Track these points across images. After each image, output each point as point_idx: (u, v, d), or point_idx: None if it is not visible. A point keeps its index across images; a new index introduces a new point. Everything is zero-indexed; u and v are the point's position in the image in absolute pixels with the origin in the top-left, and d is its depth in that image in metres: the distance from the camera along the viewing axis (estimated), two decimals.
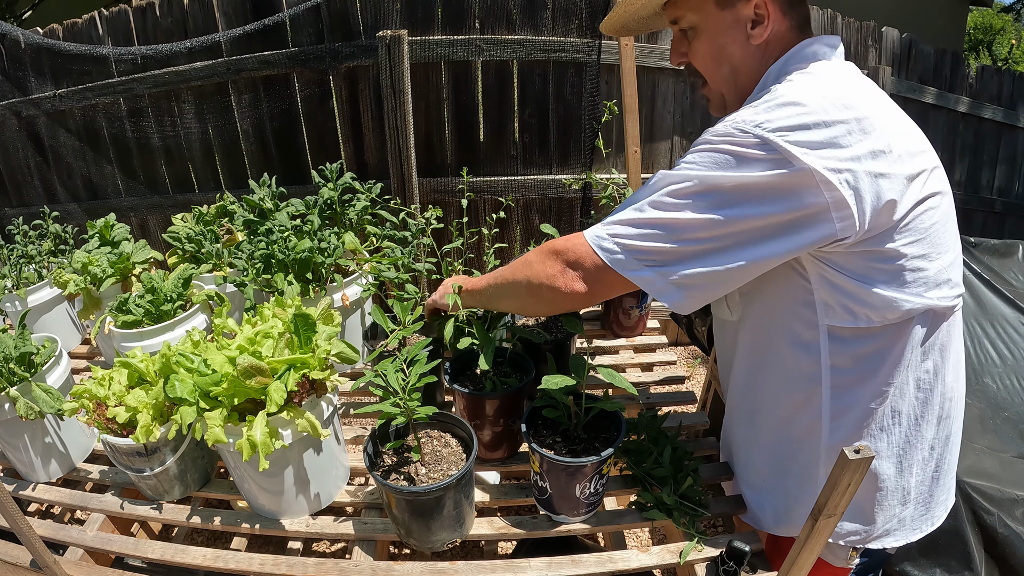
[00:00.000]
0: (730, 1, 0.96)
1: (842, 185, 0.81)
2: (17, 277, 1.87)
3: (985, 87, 3.68)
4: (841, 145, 0.82)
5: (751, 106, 0.88)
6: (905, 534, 1.09)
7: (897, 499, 1.05)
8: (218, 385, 1.12)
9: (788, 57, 0.96)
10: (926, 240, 0.89)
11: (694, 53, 1.03)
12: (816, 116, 0.82)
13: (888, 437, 1.01)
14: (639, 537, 2.30)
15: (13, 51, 2.85)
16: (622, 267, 0.91)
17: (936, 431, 1.04)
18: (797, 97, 0.85)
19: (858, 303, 0.91)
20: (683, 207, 0.87)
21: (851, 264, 0.89)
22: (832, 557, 1.13)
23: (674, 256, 0.89)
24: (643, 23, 1.18)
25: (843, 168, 0.81)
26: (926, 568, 1.51)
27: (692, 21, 1.01)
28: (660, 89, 2.95)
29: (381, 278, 1.65)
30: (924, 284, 0.91)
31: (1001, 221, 4.06)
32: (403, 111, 2.63)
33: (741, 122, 0.85)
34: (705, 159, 0.86)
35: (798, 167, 0.81)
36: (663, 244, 0.88)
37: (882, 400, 0.99)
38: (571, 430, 1.20)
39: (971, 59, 11.85)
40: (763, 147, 0.82)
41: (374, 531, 1.24)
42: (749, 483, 1.22)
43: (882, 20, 3.29)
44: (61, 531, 1.28)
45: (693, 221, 0.86)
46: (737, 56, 0.99)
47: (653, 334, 1.96)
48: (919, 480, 1.05)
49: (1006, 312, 1.90)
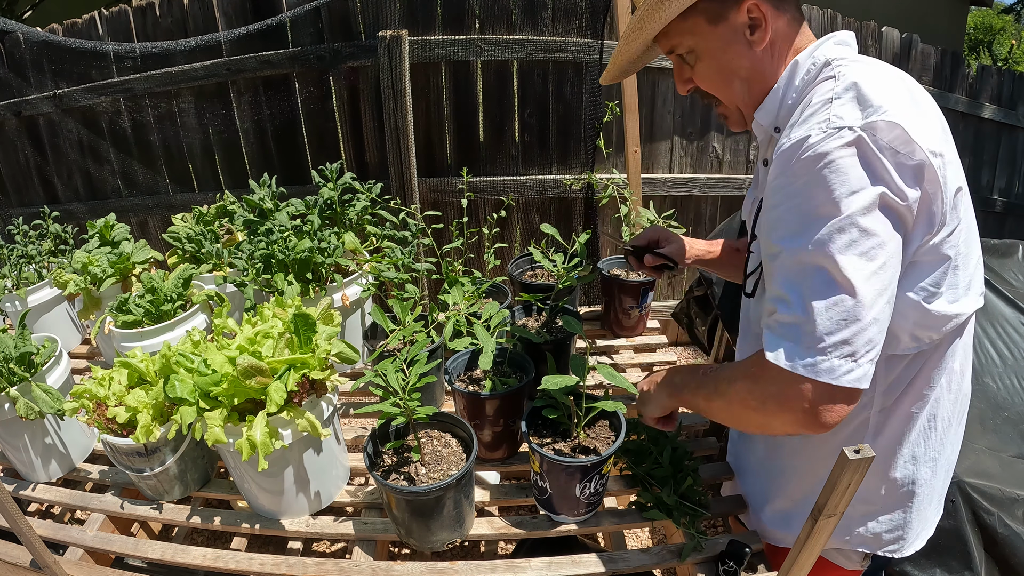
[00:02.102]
0: (720, 15, 0.91)
1: (939, 170, 0.78)
2: (17, 277, 1.87)
3: (985, 87, 3.68)
4: (928, 132, 0.78)
5: (829, 106, 0.80)
6: (927, 533, 1.09)
7: (929, 501, 1.06)
8: (218, 385, 1.12)
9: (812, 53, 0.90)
10: (964, 240, 0.86)
11: (699, 76, 0.98)
12: (902, 106, 0.78)
13: (926, 442, 1.00)
14: (639, 537, 2.30)
15: (13, 51, 2.84)
16: (862, 382, 0.79)
17: (958, 429, 1.05)
18: (864, 88, 0.79)
19: (922, 328, 0.88)
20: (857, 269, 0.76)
21: (923, 272, 0.84)
22: (845, 561, 1.12)
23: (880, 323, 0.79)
24: (638, 62, 1.12)
25: (937, 151, 0.78)
26: (926, 568, 1.51)
27: (689, 45, 0.96)
28: (660, 89, 2.94)
29: (381, 278, 1.65)
30: (968, 287, 0.88)
31: (1001, 221, 4.05)
32: (403, 111, 2.63)
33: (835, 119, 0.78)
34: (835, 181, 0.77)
35: (918, 159, 0.76)
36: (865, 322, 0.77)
37: (922, 405, 0.97)
38: (571, 430, 1.20)
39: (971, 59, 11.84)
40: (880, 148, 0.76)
41: (374, 531, 1.24)
42: (775, 507, 1.18)
43: (882, 20, 3.28)
44: (61, 531, 1.28)
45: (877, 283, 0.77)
46: (745, 67, 0.94)
47: (653, 334, 1.96)
48: (945, 480, 1.06)
49: (1006, 312, 1.90)
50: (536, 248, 1.72)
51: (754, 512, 1.24)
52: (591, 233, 2.28)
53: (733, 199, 3.22)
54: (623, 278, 1.84)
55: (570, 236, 1.75)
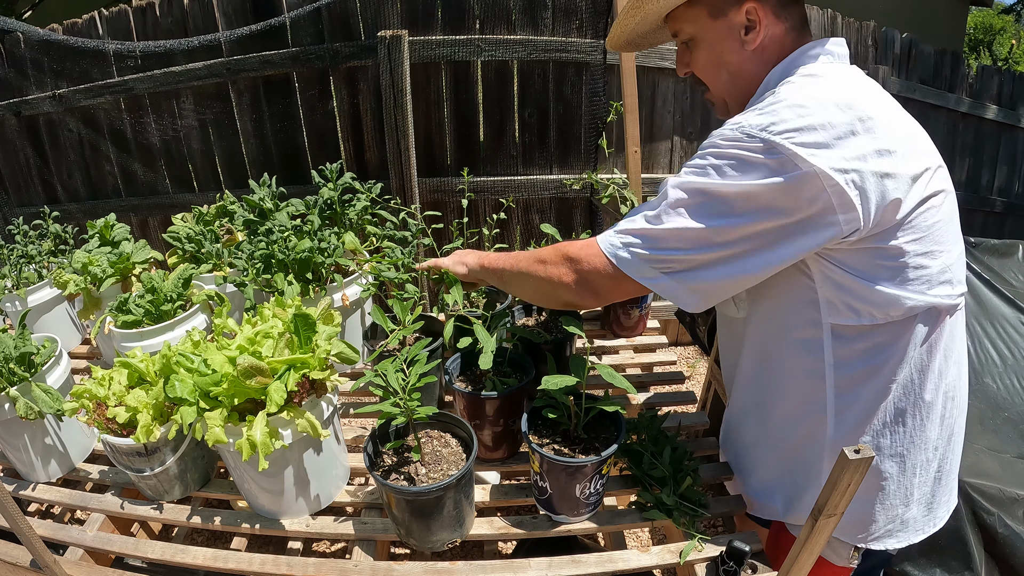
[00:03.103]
0: (722, 11, 0.99)
1: (848, 185, 0.82)
2: (17, 277, 1.87)
3: (985, 87, 3.68)
4: (846, 146, 0.83)
5: (755, 109, 0.90)
6: (907, 535, 1.09)
7: (899, 499, 1.05)
8: (218, 385, 1.12)
9: (791, 60, 0.98)
10: (928, 238, 0.90)
11: (695, 63, 1.07)
12: (820, 117, 0.83)
13: (891, 435, 1.02)
14: (639, 537, 2.30)
15: (14, 50, 2.85)
16: (639, 275, 0.95)
17: (939, 430, 1.04)
18: (801, 99, 0.86)
19: (861, 301, 0.92)
20: (694, 217, 0.90)
21: (854, 261, 0.90)
22: (834, 556, 1.13)
23: (687, 264, 0.92)
24: (647, 38, 1.21)
25: (849, 168, 0.82)
26: (926, 568, 1.51)
27: (690, 33, 1.05)
28: (660, 89, 2.94)
29: (381, 278, 1.65)
30: (927, 282, 0.91)
31: (1001, 221, 4.06)
32: (403, 111, 2.63)
33: (747, 126, 0.87)
34: (712, 165, 0.89)
35: (805, 169, 0.82)
36: (676, 254, 0.92)
37: (885, 397, 0.99)
38: (571, 430, 1.20)
39: (971, 59, 11.85)
40: (769, 151, 0.84)
41: (374, 531, 1.24)
42: (758, 477, 1.23)
43: (882, 20, 3.29)
44: (61, 531, 1.28)
45: (704, 232, 0.89)
46: (734, 63, 1.02)
47: (653, 334, 1.96)
48: (922, 480, 1.05)
49: (1006, 312, 1.90)
50: None
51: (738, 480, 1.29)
52: (591, 233, 2.28)
53: None
54: None
55: (570, 236, 1.75)
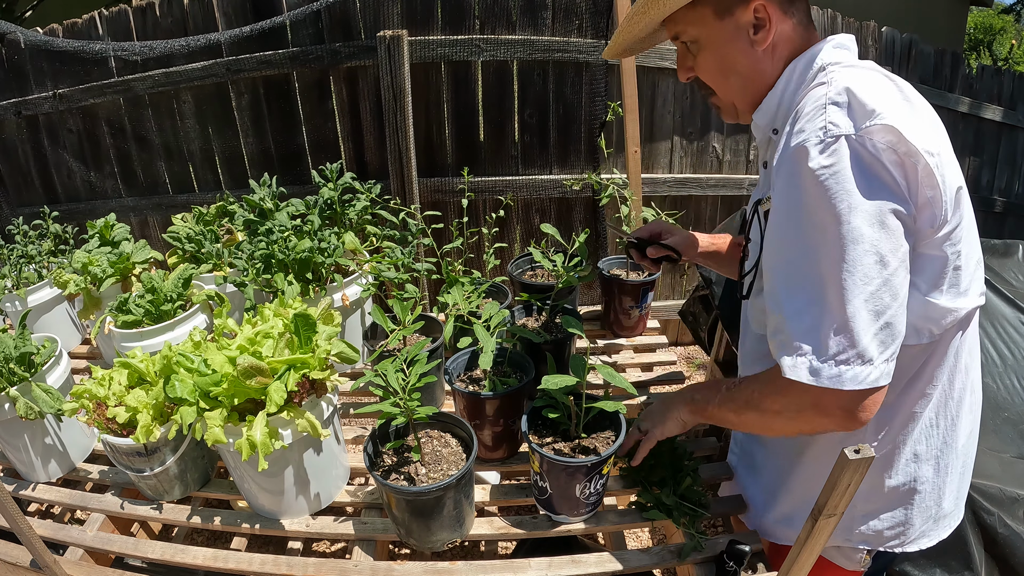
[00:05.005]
0: (728, 9, 0.93)
1: (937, 169, 0.79)
2: (17, 277, 1.87)
3: (985, 87, 3.68)
4: (923, 132, 0.80)
5: (824, 112, 0.81)
6: (938, 533, 1.09)
7: (934, 500, 1.05)
8: (218, 385, 1.12)
9: (810, 55, 0.93)
10: (963, 239, 0.87)
11: (700, 67, 1.01)
12: (895, 108, 0.79)
13: (928, 440, 1.01)
14: (639, 537, 2.30)
15: (13, 51, 2.84)
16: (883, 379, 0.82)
17: (967, 426, 1.05)
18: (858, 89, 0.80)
19: (923, 319, 0.89)
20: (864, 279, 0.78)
21: (926, 269, 0.86)
22: (845, 561, 1.12)
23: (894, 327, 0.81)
24: (644, 43, 1.15)
25: (934, 151, 0.79)
26: (926, 568, 1.51)
27: (693, 35, 0.98)
28: (660, 89, 2.94)
29: (381, 278, 1.65)
30: (966, 288, 0.90)
31: (1001, 221, 4.05)
32: (403, 111, 2.63)
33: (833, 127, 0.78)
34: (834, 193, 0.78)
35: (916, 159, 0.78)
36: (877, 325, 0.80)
37: (925, 403, 0.98)
38: (571, 430, 1.20)
39: (971, 59, 11.85)
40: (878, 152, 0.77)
41: (374, 531, 1.24)
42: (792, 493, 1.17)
43: (882, 20, 3.28)
44: (61, 531, 1.28)
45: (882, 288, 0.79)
46: (744, 64, 0.96)
47: (653, 334, 1.96)
48: (952, 478, 1.06)
49: (1006, 312, 1.90)
50: (536, 248, 1.72)
51: (757, 511, 1.24)
52: (590, 233, 2.28)
53: (733, 199, 3.22)
54: (623, 278, 1.84)
55: (570, 236, 1.75)
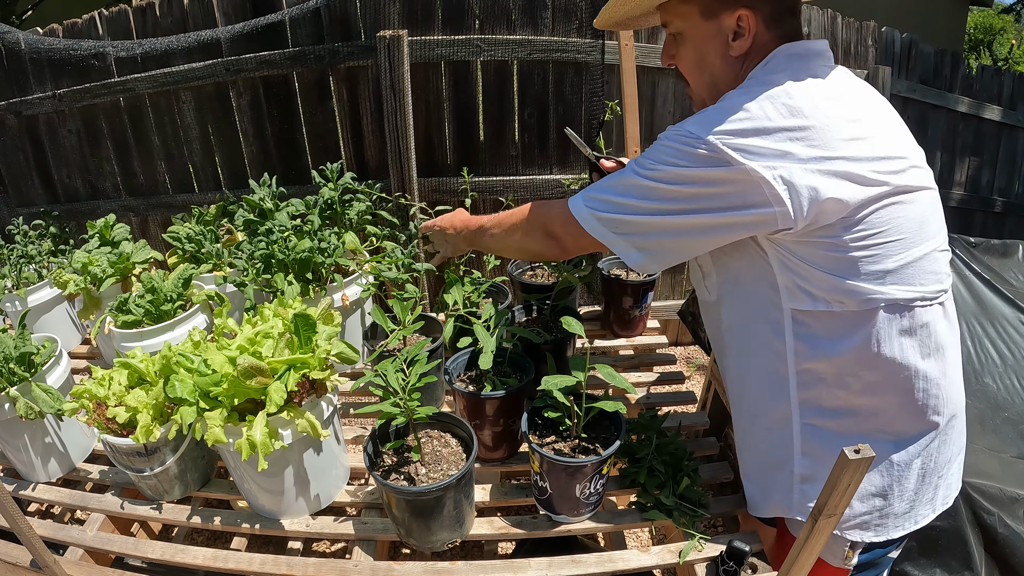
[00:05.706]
0: (714, 12, 0.99)
1: (776, 181, 0.88)
2: (17, 277, 1.87)
3: (985, 87, 3.68)
4: (778, 150, 0.88)
5: (703, 112, 0.95)
6: (886, 531, 1.08)
7: (870, 491, 1.06)
8: (218, 385, 1.12)
9: (763, 66, 0.99)
10: (885, 234, 0.92)
11: (680, 58, 1.09)
12: (757, 123, 0.89)
13: (857, 426, 1.03)
14: (639, 537, 2.30)
15: (13, 51, 2.84)
16: (598, 234, 1.05)
17: (917, 427, 1.04)
18: (744, 104, 0.91)
19: (813, 286, 0.96)
20: (645, 193, 0.99)
21: (802, 250, 0.94)
22: (830, 556, 1.13)
23: (637, 228, 1.02)
24: (638, 21, 1.24)
25: (778, 166, 0.88)
26: (926, 568, 1.51)
27: (679, 28, 1.06)
28: (660, 89, 2.94)
29: (381, 278, 1.65)
30: (881, 276, 0.93)
31: (1001, 221, 4.05)
32: (403, 111, 2.62)
33: (691, 127, 0.93)
34: (662, 155, 0.97)
35: (736, 167, 0.89)
36: (628, 217, 1.02)
37: (846, 389, 1.01)
38: (571, 430, 1.20)
39: (971, 59, 11.85)
40: (706, 147, 0.91)
41: (374, 531, 1.24)
42: (746, 472, 1.22)
43: (882, 20, 3.28)
44: (61, 531, 1.28)
45: (651, 207, 0.99)
46: (717, 66, 1.03)
47: (653, 334, 1.96)
48: (899, 475, 1.05)
49: (1006, 312, 1.90)
50: None
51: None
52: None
53: None
54: (623, 278, 1.84)
55: None
